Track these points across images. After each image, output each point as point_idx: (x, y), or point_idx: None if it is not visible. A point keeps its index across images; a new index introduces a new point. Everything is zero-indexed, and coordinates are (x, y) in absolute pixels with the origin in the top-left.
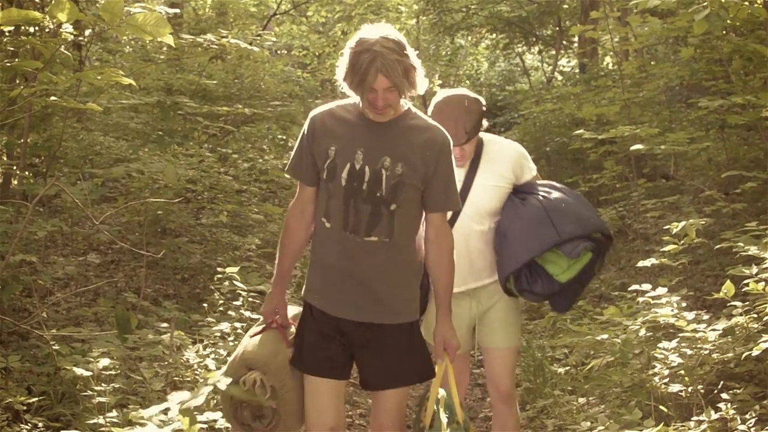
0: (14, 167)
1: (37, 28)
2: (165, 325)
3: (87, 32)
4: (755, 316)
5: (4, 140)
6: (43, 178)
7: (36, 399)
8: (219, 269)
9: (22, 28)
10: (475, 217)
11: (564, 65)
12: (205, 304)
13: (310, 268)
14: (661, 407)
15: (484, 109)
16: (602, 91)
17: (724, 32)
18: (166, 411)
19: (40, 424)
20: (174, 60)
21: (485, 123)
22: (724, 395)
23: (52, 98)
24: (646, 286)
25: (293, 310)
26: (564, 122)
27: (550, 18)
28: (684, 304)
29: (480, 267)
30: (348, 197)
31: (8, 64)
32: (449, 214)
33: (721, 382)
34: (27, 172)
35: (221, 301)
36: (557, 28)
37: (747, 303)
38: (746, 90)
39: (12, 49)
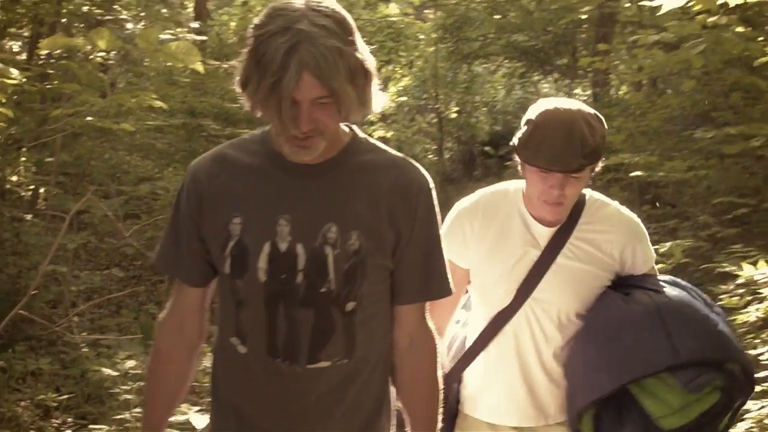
0: (45, 184)
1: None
2: None
3: (112, 54)
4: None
5: (34, 158)
6: (72, 195)
7: (66, 396)
8: None
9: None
10: (543, 317)
11: (580, 94)
12: None
13: (212, 420)
14: None
15: (606, 134)
16: (608, 121)
17: (726, 64)
18: None
19: (69, 420)
20: (198, 84)
21: (596, 169)
22: None
23: (88, 118)
24: None
25: None
26: None
27: (566, 48)
28: None
29: (544, 401)
30: (273, 301)
31: (48, 86)
32: (492, 309)
33: None
34: (56, 189)
35: None
36: (572, 58)
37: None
38: (744, 121)
39: (49, 71)
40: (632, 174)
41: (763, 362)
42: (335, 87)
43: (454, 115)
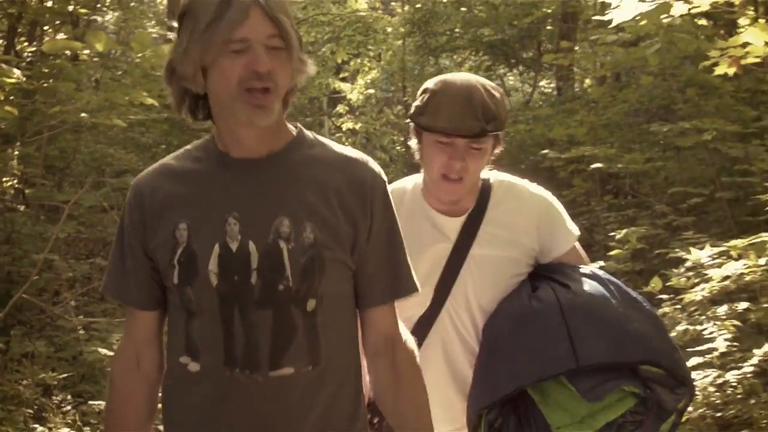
0: (33, 177)
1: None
2: None
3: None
4: (679, 306)
5: (17, 153)
6: (57, 187)
7: (64, 375)
8: None
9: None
10: (465, 315)
11: (545, 86)
12: None
13: None
14: None
15: (508, 108)
16: (571, 114)
17: (683, 60)
18: None
19: (69, 397)
20: None
21: (498, 148)
22: None
23: (83, 115)
24: None
25: None
26: (538, 141)
27: (531, 42)
28: None
29: (464, 397)
30: (227, 305)
31: (45, 85)
32: (413, 316)
33: None
34: (43, 181)
35: None
36: (537, 52)
37: (671, 295)
38: (699, 115)
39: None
40: (593, 165)
41: (706, 336)
42: (286, 25)
43: None
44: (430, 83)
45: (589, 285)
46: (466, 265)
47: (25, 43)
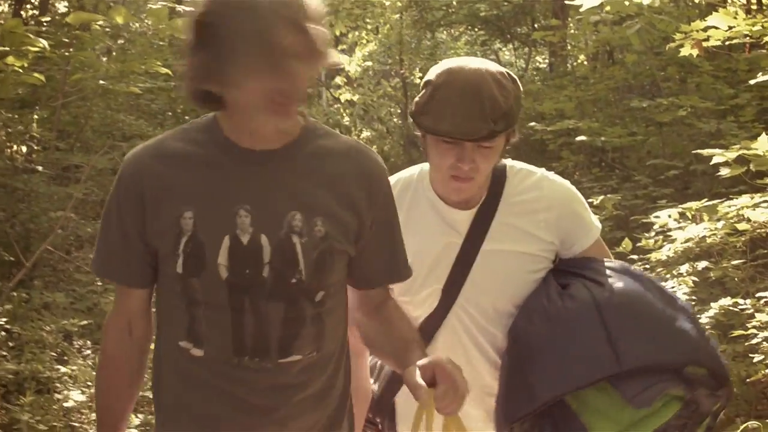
0: (48, 140)
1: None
2: None
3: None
4: (648, 267)
5: (36, 117)
6: (70, 150)
7: (85, 322)
8: None
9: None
10: (479, 316)
11: (540, 62)
12: None
13: (158, 426)
14: None
15: (522, 95)
16: (561, 90)
17: (664, 41)
18: None
19: (88, 343)
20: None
21: (513, 139)
22: None
23: (101, 82)
24: None
25: None
26: (530, 115)
27: (525, 18)
28: None
29: (483, 407)
30: (237, 298)
31: (66, 54)
32: (424, 309)
33: None
34: (58, 144)
35: None
36: (531, 27)
37: (640, 256)
38: (682, 92)
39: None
40: (577, 138)
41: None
42: (311, 35)
43: (418, 80)
44: (433, 74)
45: (623, 281)
46: (478, 262)
47: (31, 12)
